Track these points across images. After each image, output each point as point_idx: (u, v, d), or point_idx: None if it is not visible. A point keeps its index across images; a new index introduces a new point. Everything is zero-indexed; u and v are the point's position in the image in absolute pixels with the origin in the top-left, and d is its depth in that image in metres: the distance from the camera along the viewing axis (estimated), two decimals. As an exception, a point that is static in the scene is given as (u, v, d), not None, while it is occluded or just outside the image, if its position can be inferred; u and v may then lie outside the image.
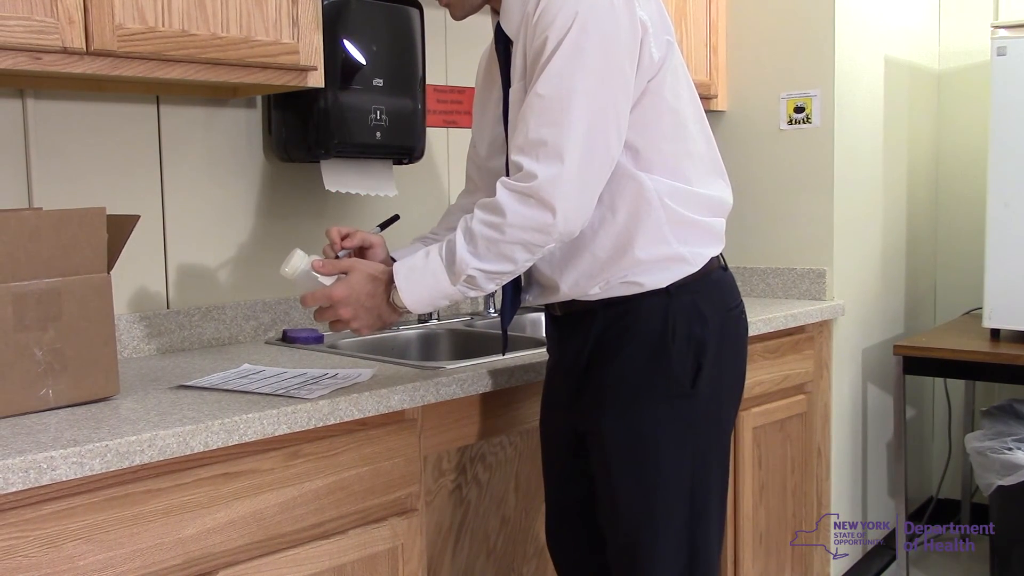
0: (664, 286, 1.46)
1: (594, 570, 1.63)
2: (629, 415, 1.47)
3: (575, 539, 1.66)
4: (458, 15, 1.58)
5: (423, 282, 1.42)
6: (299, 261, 1.52)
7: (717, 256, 1.53)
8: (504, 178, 1.39)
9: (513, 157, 1.39)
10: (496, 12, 1.54)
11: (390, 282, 1.45)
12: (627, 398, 1.47)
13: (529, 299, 1.61)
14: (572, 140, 1.34)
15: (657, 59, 1.42)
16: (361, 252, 1.62)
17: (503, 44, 1.53)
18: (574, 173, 1.34)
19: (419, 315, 2.34)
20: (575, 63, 1.34)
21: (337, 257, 1.60)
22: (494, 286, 1.43)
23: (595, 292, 1.49)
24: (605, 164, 1.39)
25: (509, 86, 1.50)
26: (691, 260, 1.47)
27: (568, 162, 1.33)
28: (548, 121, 1.35)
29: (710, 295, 1.49)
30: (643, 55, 1.40)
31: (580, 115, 1.34)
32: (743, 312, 1.58)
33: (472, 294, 1.43)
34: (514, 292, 1.58)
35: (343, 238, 1.60)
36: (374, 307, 1.47)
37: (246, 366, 1.75)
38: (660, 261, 1.45)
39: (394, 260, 1.59)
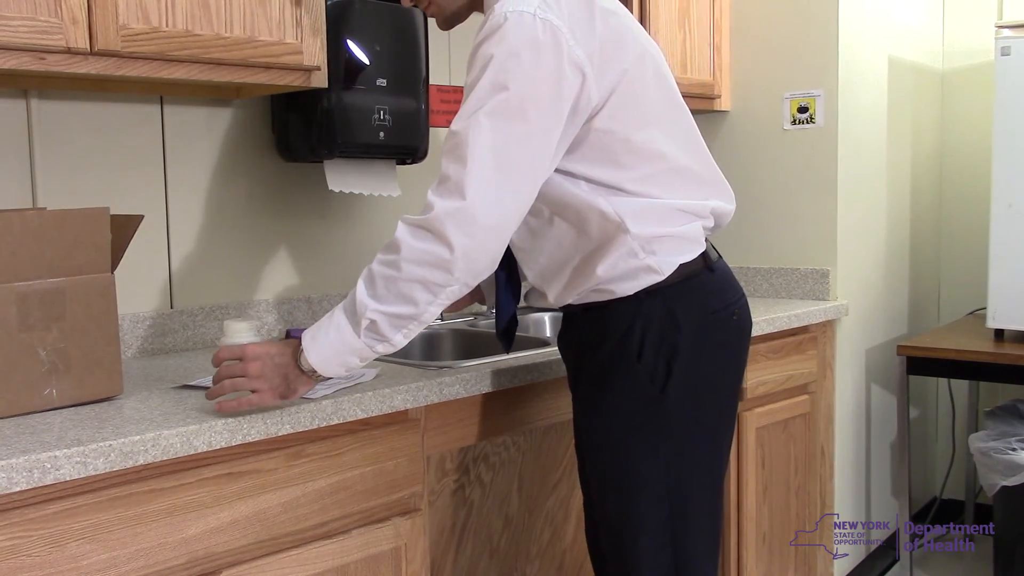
0: (633, 293, 1.45)
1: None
2: (601, 417, 1.50)
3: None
4: (443, 26, 1.58)
5: (327, 338, 1.34)
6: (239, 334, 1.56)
7: (698, 258, 1.49)
8: (405, 215, 1.36)
9: None
10: None
11: (299, 345, 1.37)
12: (598, 400, 1.49)
13: (528, 302, 1.64)
14: (475, 178, 1.29)
15: (596, 101, 1.37)
16: None
17: None
18: (476, 212, 1.29)
19: None
20: (484, 104, 1.30)
21: None
22: (402, 337, 1.34)
23: (573, 300, 1.52)
24: (514, 208, 1.34)
25: None
26: (659, 269, 1.45)
27: (470, 198, 1.29)
28: (455, 158, 1.32)
29: (687, 299, 1.47)
30: (580, 101, 1.35)
31: (484, 155, 1.30)
32: (733, 312, 1.53)
33: (381, 349, 1.34)
34: (507, 287, 1.57)
35: None
36: (282, 365, 1.37)
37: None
38: (628, 272, 1.45)
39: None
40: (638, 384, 1.45)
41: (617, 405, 1.47)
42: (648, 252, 1.44)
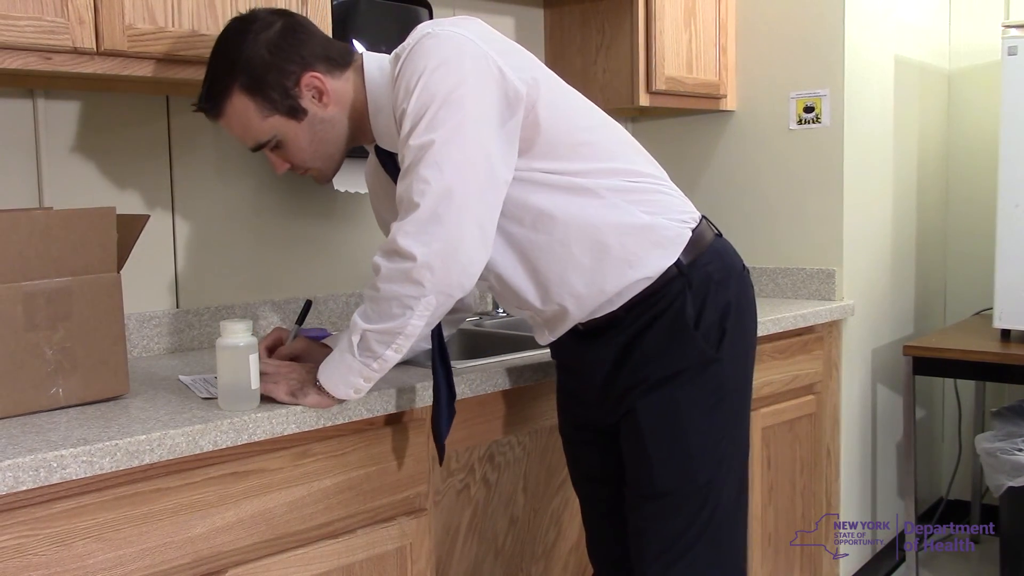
0: (671, 264, 1.47)
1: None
2: (661, 389, 1.49)
3: (614, 544, 1.68)
4: (324, 181, 1.61)
5: (332, 360, 1.43)
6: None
7: (706, 224, 1.56)
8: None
9: None
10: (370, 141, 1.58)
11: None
12: (659, 374, 1.49)
13: (544, 342, 1.62)
14: (420, 189, 1.34)
15: (521, 88, 1.42)
16: (295, 359, 1.62)
17: (392, 163, 1.56)
18: (428, 217, 1.33)
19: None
20: (419, 123, 1.36)
21: None
22: (392, 352, 1.39)
23: (611, 288, 1.48)
24: (466, 201, 1.36)
25: None
26: (670, 226, 1.49)
27: (423, 208, 1.33)
28: (404, 187, 1.37)
29: (720, 262, 1.53)
30: (508, 91, 1.40)
31: (427, 170, 1.34)
32: (748, 271, 1.62)
33: (376, 366, 1.40)
34: (448, 399, 1.56)
35: (270, 352, 1.62)
36: (305, 375, 1.48)
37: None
38: (639, 232, 1.47)
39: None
40: (698, 351, 1.49)
41: (679, 374, 1.49)
42: (648, 213, 1.48)
